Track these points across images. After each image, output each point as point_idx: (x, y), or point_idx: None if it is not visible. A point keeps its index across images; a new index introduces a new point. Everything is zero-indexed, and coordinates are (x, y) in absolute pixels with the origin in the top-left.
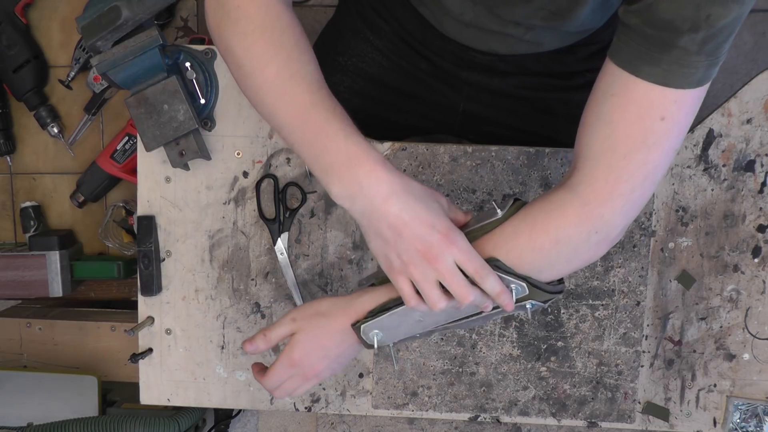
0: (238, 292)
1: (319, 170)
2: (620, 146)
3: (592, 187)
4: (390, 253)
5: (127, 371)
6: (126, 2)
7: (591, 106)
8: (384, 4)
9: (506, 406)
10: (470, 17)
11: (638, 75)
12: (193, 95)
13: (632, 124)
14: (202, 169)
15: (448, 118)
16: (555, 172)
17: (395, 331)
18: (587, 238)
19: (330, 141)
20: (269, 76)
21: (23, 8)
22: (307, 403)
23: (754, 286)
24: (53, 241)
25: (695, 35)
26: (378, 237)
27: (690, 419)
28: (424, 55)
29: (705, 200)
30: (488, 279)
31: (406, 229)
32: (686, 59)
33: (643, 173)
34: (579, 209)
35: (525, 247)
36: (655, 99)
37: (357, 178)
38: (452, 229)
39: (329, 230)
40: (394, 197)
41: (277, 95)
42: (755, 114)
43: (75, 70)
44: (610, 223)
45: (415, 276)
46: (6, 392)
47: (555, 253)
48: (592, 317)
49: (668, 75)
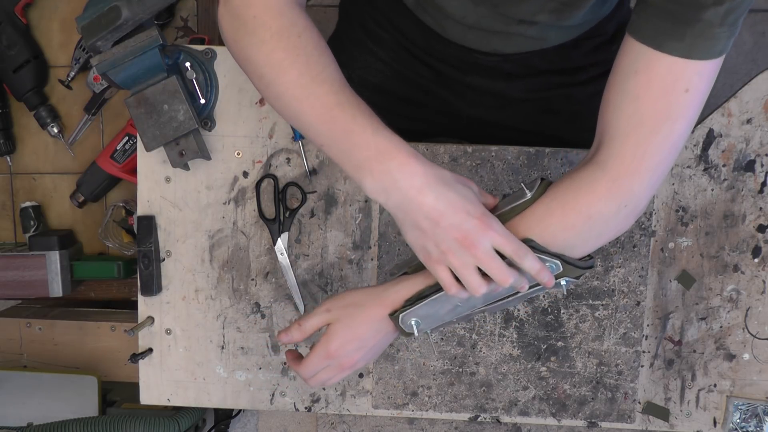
0: (238, 292)
1: (351, 167)
2: (648, 121)
3: (622, 162)
4: (428, 244)
5: (127, 371)
6: (126, 2)
7: (614, 84)
8: (384, 14)
9: (506, 406)
10: (473, 19)
11: (662, 50)
12: (193, 95)
13: (658, 100)
14: (202, 169)
15: (453, 124)
16: (555, 172)
17: (433, 318)
18: (617, 212)
19: (359, 137)
20: (291, 81)
21: (23, 8)
22: (307, 403)
23: (754, 286)
24: (53, 241)
25: (719, 8)
26: (415, 228)
27: (690, 419)
28: (426, 62)
29: (705, 200)
30: (527, 258)
31: (443, 219)
32: (710, 31)
33: (669, 145)
34: (609, 185)
35: (558, 226)
36: (680, 72)
37: (390, 171)
38: (486, 213)
39: (329, 230)
40: (428, 188)
41: (301, 99)
42: (755, 114)
43: (75, 70)
44: (638, 196)
45: (455, 264)
46: (6, 392)
47: (587, 229)
48: (592, 317)
49: (692, 48)
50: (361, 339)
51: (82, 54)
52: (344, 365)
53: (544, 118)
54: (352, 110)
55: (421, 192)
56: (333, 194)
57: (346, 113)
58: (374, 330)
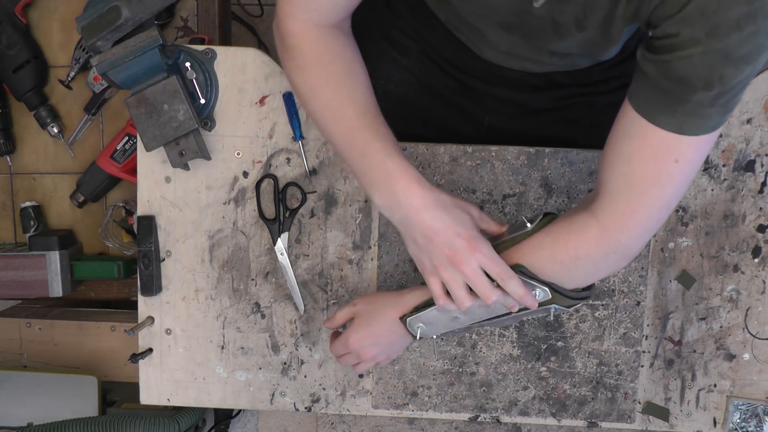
0: (238, 292)
1: (365, 184)
2: (637, 184)
3: (612, 216)
4: (423, 257)
5: (127, 371)
6: (126, 2)
7: (611, 144)
8: (411, 24)
9: (506, 406)
10: (506, 47)
11: (654, 123)
12: (193, 95)
13: (648, 166)
14: (202, 169)
15: (472, 132)
16: (555, 172)
17: (436, 326)
18: (605, 257)
19: (372, 159)
20: (322, 103)
21: (23, 8)
22: (307, 403)
23: (754, 286)
24: (53, 241)
25: (709, 93)
26: (413, 242)
27: (690, 419)
28: (451, 73)
29: (705, 200)
30: (510, 281)
31: (436, 237)
32: (701, 111)
33: (659, 206)
34: (598, 234)
35: (547, 259)
36: (671, 144)
37: (395, 192)
38: (476, 237)
39: (329, 230)
40: (425, 209)
41: (329, 119)
42: (755, 114)
43: (75, 70)
44: (627, 246)
45: (445, 277)
46: (6, 392)
47: (575, 267)
48: (592, 317)
49: (683, 124)
50: (375, 335)
51: (82, 54)
52: (362, 356)
53: (564, 126)
54: (371, 135)
55: (419, 212)
56: (333, 194)
57: (366, 137)
58: (388, 330)
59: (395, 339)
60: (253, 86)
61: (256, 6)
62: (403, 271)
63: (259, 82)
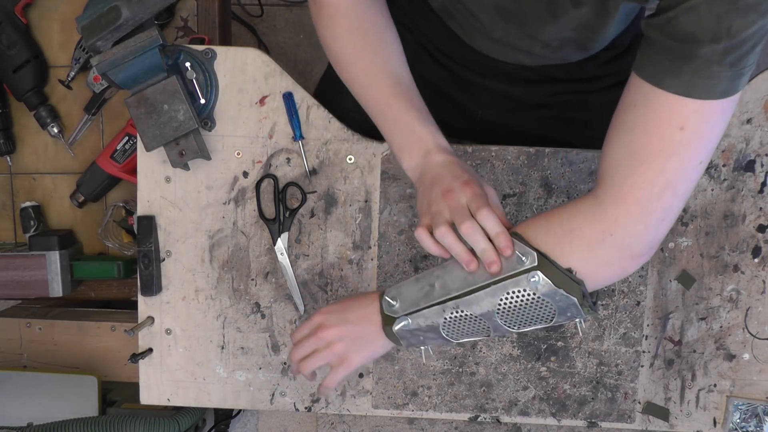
0: (238, 292)
1: (395, 147)
2: (639, 153)
3: (609, 189)
4: (424, 199)
5: (127, 371)
6: (126, 2)
7: (616, 117)
8: (406, 13)
9: (506, 406)
10: (500, 35)
11: (660, 86)
12: (193, 95)
13: (652, 134)
14: (202, 169)
15: (465, 126)
16: (555, 172)
17: (408, 300)
18: (602, 239)
19: (406, 126)
20: (359, 72)
21: (23, 8)
22: (307, 403)
23: (754, 286)
24: (53, 241)
25: (716, 46)
26: (422, 188)
27: (690, 419)
28: (445, 64)
29: (705, 200)
30: (488, 218)
31: (441, 180)
32: (708, 70)
33: (662, 182)
34: (593, 207)
35: (539, 228)
36: (676, 109)
37: (425, 153)
38: (475, 181)
39: (329, 230)
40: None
41: (365, 87)
42: (755, 114)
43: (75, 70)
44: (627, 230)
45: (433, 210)
46: (6, 392)
47: (568, 242)
48: (592, 317)
49: (689, 86)
50: (346, 312)
51: (82, 54)
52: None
53: (556, 123)
54: (405, 103)
55: (438, 165)
56: (333, 194)
57: (400, 105)
58: (361, 308)
59: (365, 325)
60: (253, 86)
61: (256, 6)
62: (403, 271)
63: (259, 82)
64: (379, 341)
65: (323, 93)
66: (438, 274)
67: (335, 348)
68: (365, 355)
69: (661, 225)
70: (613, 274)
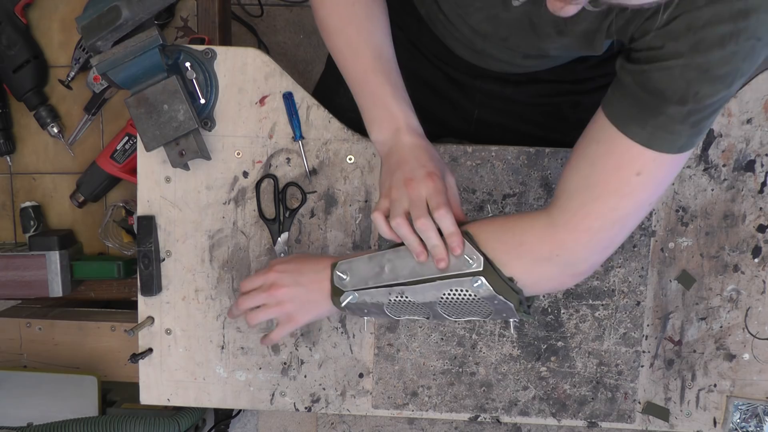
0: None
1: (367, 119)
2: (596, 188)
3: (563, 215)
4: (386, 180)
5: (127, 371)
6: (126, 2)
7: (578, 147)
8: (398, 13)
9: (506, 406)
10: (481, 47)
11: (624, 132)
12: (193, 95)
13: (610, 174)
14: (202, 169)
15: (461, 125)
16: (555, 172)
17: (359, 276)
18: (549, 257)
19: (380, 100)
20: (342, 42)
21: (23, 8)
22: (307, 403)
23: (754, 286)
24: (53, 241)
25: (682, 107)
26: (386, 168)
27: (690, 419)
28: (437, 65)
29: (705, 200)
30: (445, 218)
31: (405, 165)
32: (671, 126)
33: (613, 218)
34: (546, 227)
35: (492, 234)
36: (636, 156)
37: (394, 131)
38: (437, 174)
39: (329, 230)
40: (409, 147)
41: (347, 57)
42: (755, 114)
43: (75, 70)
44: (573, 252)
45: (393, 196)
46: (6, 392)
47: (516, 254)
48: (592, 317)
49: (652, 138)
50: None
51: (82, 54)
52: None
53: (551, 123)
54: (383, 78)
55: (404, 146)
56: (333, 194)
57: (378, 79)
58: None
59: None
60: (253, 86)
61: (256, 6)
62: None
63: (259, 82)
64: (326, 306)
65: (321, 91)
66: (389, 258)
67: (285, 307)
68: (312, 316)
69: (605, 252)
70: (551, 287)
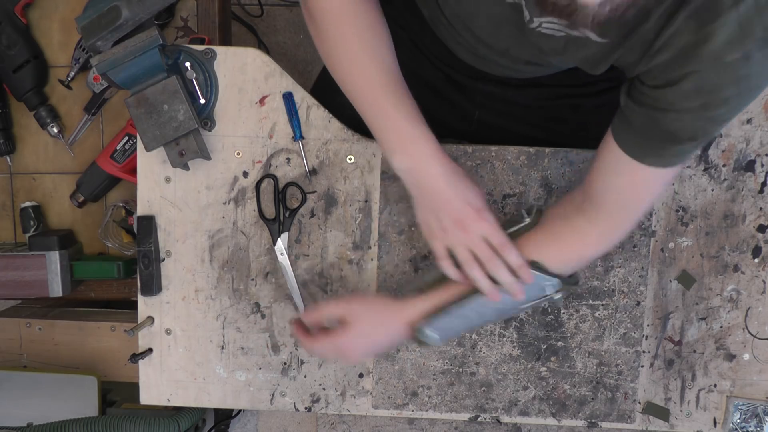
0: (238, 292)
1: (385, 144)
2: (631, 205)
3: (610, 227)
4: (431, 220)
5: (127, 371)
6: (126, 2)
7: (602, 175)
8: (401, 12)
9: (506, 406)
10: (483, 53)
11: (642, 162)
12: (193, 95)
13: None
14: (202, 169)
15: (462, 126)
16: (555, 172)
17: (449, 330)
18: (590, 258)
19: (396, 123)
20: (345, 56)
21: (23, 8)
22: (307, 403)
23: (754, 286)
24: (53, 241)
25: (694, 142)
26: (425, 206)
27: (690, 419)
28: (439, 66)
29: (705, 200)
30: (511, 252)
31: (448, 203)
32: (685, 154)
33: (636, 221)
34: (599, 239)
35: (554, 257)
36: (659, 175)
37: (417, 158)
38: (485, 209)
39: (329, 230)
40: (443, 177)
41: (351, 72)
42: (755, 114)
43: (75, 70)
44: (601, 251)
45: (451, 240)
46: (6, 392)
47: (577, 266)
48: (592, 317)
49: (669, 161)
50: (375, 343)
51: (82, 54)
52: (347, 357)
53: (552, 125)
54: (394, 97)
55: (436, 179)
56: (333, 194)
57: (389, 99)
58: (390, 338)
59: (393, 345)
60: (253, 86)
61: (256, 6)
62: (402, 271)
63: (259, 82)
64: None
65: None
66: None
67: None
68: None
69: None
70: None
